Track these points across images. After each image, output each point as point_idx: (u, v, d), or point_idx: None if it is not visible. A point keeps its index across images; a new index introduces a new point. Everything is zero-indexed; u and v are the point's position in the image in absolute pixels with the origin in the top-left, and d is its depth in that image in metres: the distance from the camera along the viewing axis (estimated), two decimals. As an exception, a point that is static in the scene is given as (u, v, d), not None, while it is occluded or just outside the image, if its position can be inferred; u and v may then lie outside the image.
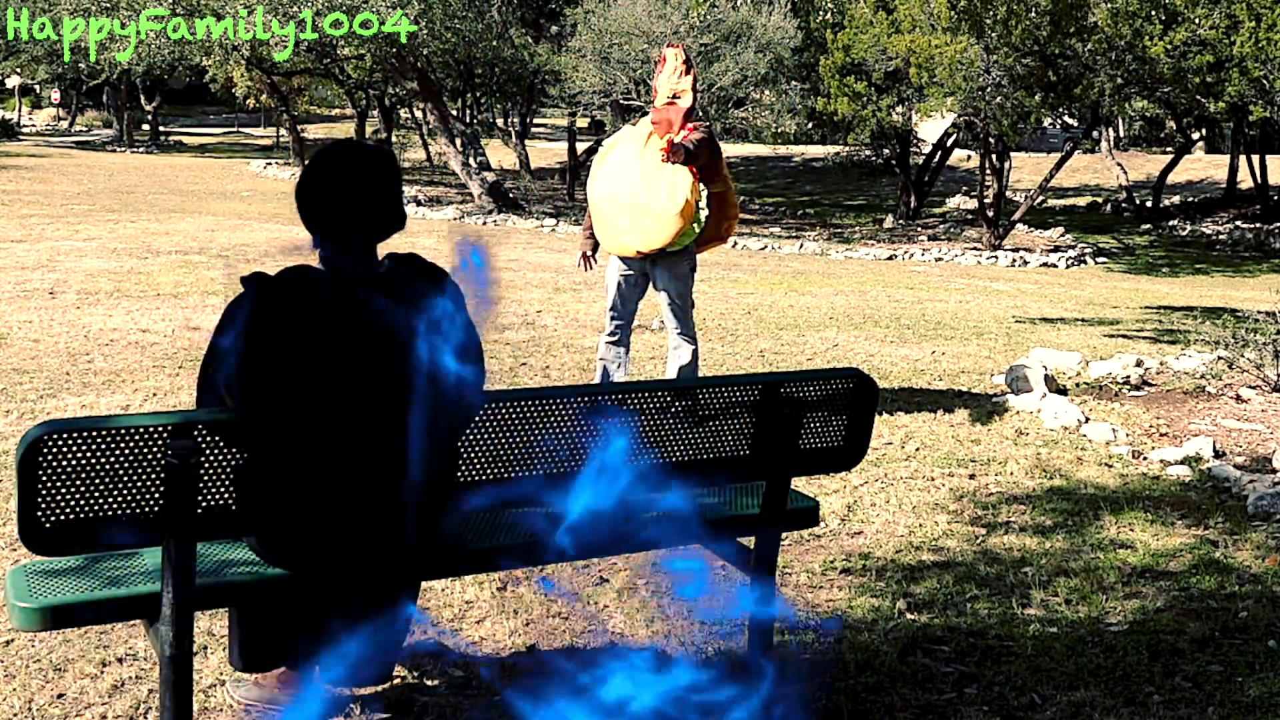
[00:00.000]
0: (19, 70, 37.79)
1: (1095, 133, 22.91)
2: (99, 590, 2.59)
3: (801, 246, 18.04)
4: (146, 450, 2.40)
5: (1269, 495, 4.81)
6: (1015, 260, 17.46)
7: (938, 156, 22.99)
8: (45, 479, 2.35)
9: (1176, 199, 25.18)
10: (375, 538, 2.67)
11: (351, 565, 2.69)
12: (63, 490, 2.37)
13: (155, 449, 2.41)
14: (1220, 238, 21.53)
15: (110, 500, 2.42)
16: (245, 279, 2.59)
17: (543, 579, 3.85)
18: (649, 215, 5.44)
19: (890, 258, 17.40)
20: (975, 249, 18.08)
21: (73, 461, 2.36)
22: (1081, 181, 28.13)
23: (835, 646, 3.47)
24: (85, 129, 42.49)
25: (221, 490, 2.51)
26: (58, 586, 2.59)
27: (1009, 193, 21.57)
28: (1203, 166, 28.35)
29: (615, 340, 5.78)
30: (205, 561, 2.69)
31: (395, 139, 27.14)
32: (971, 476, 5.23)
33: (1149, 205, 24.00)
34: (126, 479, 2.41)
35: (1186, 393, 6.84)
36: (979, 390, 7.06)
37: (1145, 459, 5.57)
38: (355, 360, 2.58)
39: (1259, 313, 7.82)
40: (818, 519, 3.37)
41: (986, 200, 18.58)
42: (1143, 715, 3.13)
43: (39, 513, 2.37)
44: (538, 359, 7.48)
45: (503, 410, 2.70)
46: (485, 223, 18.96)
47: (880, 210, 23.84)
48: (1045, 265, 17.43)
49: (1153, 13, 14.87)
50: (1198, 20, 14.67)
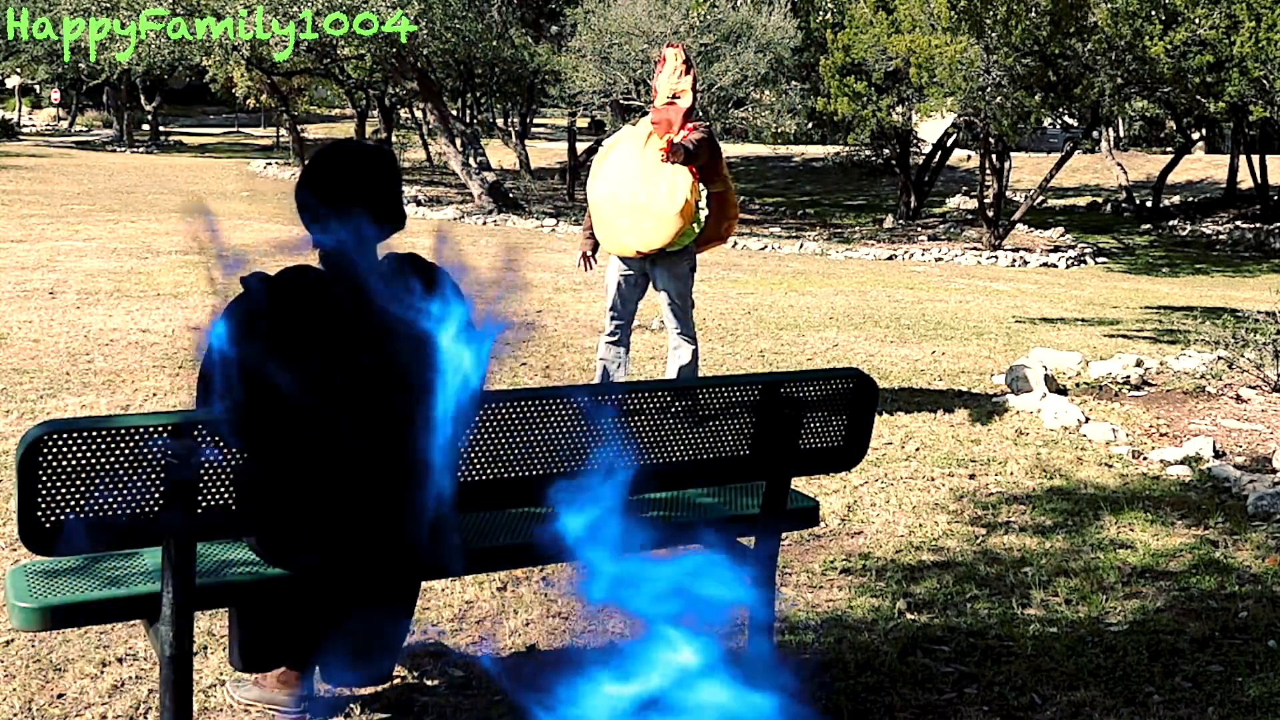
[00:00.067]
0: (19, 70, 37.80)
1: (1095, 133, 22.90)
2: (99, 590, 2.59)
3: (801, 246, 18.04)
4: (146, 450, 2.40)
5: (1269, 495, 4.81)
6: (1015, 260, 17.45)
7: (938, 156, 22.98)
8: (45, 479, 2.35)
9: (1176, 199, 25.17)
10: (376, 538, 2.67)
11: (351, 565, 2.69)
12: (63, 490, 2.37)
13: (155, 449, 2.41)
14: (1220, 238, 21.53)
15: (110, 500, 2.42)
16: (245, 279, 2.59)
17: (543, 579, 3.85)
18: (649, 215, 5.44)
19: (890, 258, 17.40)
20: (975, 249, 18.08)
21: (73, 461, 2.35)
22: (1081, 181, 28.12)
23: (835, 646, 3.48)
24: (85, 129, 42.49)
25: (221, 490, 2.51)
26: (58, 586, 2.59)
27: (1009, 193, 21.56)
28: (1203, 166, 28.34)
29: (615, 340, 5.78)
30: (205, 561, 2.69)
31: (395, 139, 27.13)
32: (971, 476, 5.23)
33: (1149, 205, 23.99)
34: (126, 479, 2.41)
35: (1186, 393, 6.84)
36: (979, 390, 7.06)
37: (1145, 459, 5.57)
38: (355, 359, 2.58)
39: (1259, 313, 7.82)
40: (818, 519, 3.38)
41: (986, 200, 18.58)
42: (1143, 715, 3.13)
43: (39, 513, 2.37)
44: (538, 359, 7.48)
45: (503, 410, 2.70)
46: (485, 223, 18.95)
47: (880, 210, 23.83)
48: (1045, 265, 17.42)
49: (1153, 13, 14.86)
50: (1198, 20, 14.67)
